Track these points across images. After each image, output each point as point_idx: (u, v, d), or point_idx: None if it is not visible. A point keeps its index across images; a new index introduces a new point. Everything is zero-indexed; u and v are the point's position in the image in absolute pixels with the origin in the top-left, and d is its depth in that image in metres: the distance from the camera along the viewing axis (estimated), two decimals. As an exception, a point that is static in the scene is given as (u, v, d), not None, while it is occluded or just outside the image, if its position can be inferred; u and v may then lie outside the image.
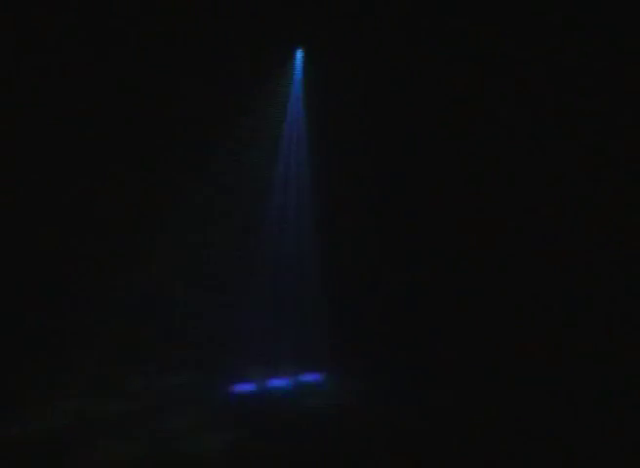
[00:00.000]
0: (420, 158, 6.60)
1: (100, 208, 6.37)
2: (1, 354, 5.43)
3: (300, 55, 7.08)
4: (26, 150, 5.95)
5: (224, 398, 5.12)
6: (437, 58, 6.36)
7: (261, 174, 7.19)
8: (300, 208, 7.16)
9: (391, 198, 6.78)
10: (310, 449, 3.73)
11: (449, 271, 6.40)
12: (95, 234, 6.32)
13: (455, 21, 6.19)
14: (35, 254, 6.02)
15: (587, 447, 3.72)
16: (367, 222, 6.77)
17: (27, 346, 5.64)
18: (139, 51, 6.26)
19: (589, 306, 5.56)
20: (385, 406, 4.77)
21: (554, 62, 5.90)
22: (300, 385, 5.66)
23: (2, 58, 5.68)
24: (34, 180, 6.02)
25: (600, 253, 5.65)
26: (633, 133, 5.58)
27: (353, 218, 6.80)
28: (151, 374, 5.73)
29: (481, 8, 6.05)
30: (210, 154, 6.85)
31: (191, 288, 6.72)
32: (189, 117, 6.67)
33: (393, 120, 6.68)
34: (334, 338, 6.44)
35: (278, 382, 5.75)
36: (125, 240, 6.37)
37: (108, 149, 6.41)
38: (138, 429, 4.09)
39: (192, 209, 6.81)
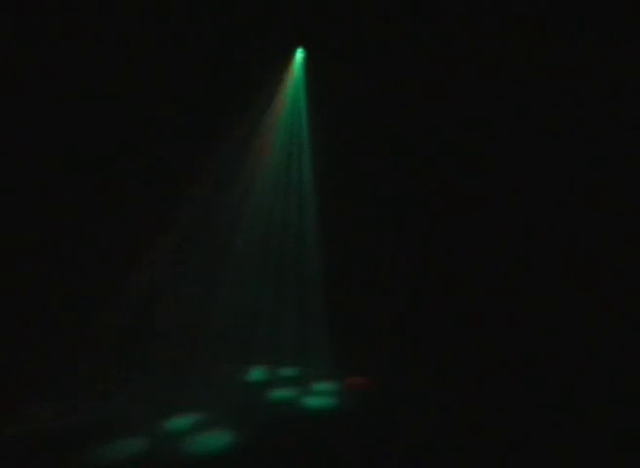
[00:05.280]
0: (422, 157, 6.60)
1: (101, 207, 6.38)
2: (1, 353, 5.42)
3: (300, 55, 7.09)
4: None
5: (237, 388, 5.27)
6: (438, 57, 6.37)
7: (263, 173, 7.19)
8: (302, 208, 7.16)
9: (394, 197, 6.78)
10: (315, 448, 3.73)
11: (452, 270, 6.40)
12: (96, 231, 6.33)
13: (454, 21, 6.19)
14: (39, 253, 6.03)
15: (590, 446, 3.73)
16: (370, 222, 6.77)
17: (27, 345, 5.63)
18: (137, 50, 6.26)
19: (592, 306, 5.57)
20: (389, 405, 4.77)
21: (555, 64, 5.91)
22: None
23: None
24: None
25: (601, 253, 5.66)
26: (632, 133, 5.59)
27: (356, 218, 6.80)
28: (155, 370, 5.79)
29: (481, 8, 6.06)
30: (210, 153, 6.85)
31: (193, 284, 6.74)
32: (189, 117, 6.67)
33: (395, 119, 6.68)
34: (336, 337, 6.46)
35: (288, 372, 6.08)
36: (123, 238, 6.37)
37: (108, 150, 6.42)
38: (143, 427, 4.09)
39: (191, 207, 6.81)
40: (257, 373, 6.05)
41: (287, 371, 6.11)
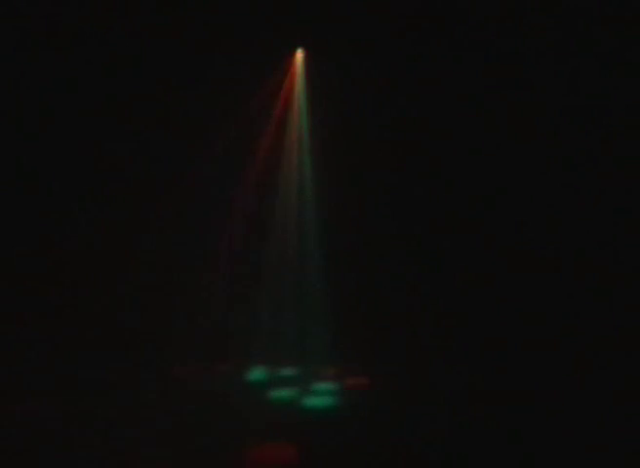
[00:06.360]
0: (423, 156, 6.60)
1: (101, 205, 6.40)
2: (1, 353, 5.42)
3: (300, 55, 7.09)
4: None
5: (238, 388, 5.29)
6: (438, 57, 6.37)
7: (262, 173, 7.19)
8: (303, 207, 7.15)
9: (394, 196, 6.77)
10: (317, 448, 3.72)
11: (453, 270, 6.39)
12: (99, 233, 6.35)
13: (455, 20, 6.20)
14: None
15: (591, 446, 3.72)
16: (370, 221, 6.76)
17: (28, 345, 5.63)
18: (138, 49, 6.26)
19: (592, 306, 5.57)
20: (389, 404, 4.76)
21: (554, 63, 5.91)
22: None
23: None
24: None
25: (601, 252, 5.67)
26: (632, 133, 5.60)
27: (356, 217, 6.78)
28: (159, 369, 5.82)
29: (481, 7, 6.06)
30: (210, 154, 6.85)
31: (196, 285, 6.75)
32: (189, 117, 6.67)
33: (395, 118, 6.68)
34: (337, 336, 6.47)
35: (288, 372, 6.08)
36: (128, 238, 6.38)
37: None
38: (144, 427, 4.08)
39: (191, 207, 6.81)
40: (257, 373, 6.04)
41: (287, 371, 6.10)
